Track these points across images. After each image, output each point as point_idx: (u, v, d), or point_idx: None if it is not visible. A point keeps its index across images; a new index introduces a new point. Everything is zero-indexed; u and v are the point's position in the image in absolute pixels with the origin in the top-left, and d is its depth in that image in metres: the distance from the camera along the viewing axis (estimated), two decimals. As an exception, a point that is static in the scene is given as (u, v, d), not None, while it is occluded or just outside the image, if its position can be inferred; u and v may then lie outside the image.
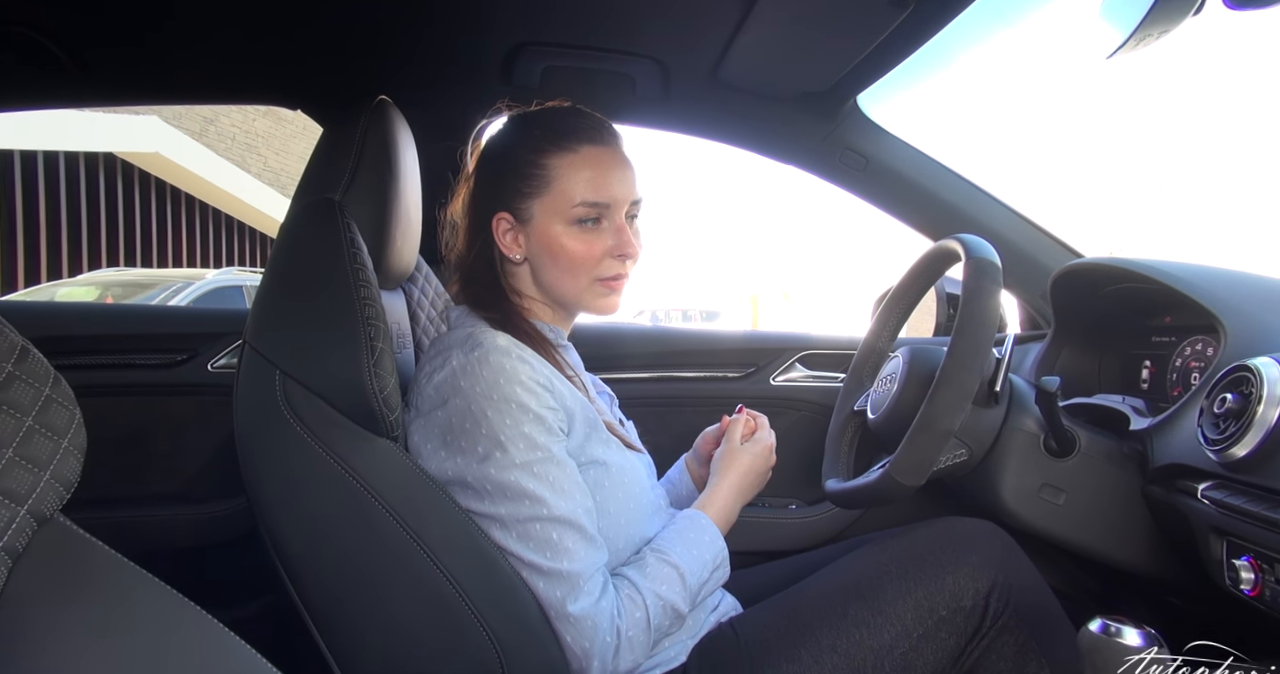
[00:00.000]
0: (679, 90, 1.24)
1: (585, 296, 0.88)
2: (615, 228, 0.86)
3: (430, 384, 0.80)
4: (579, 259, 0.86)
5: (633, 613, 0.78)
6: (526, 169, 0.86)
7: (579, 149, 0.86)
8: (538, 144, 0.86)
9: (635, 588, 0.79)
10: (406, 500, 0.74)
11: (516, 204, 0.87)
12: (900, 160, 1.33)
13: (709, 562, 0.85)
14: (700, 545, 0.85)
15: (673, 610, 0.80)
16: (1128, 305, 1.09)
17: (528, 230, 0.87)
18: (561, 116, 0.90)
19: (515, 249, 0.88)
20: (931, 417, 0.89)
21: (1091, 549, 0.97)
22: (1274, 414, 0.69)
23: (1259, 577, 0.71)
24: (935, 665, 0.84)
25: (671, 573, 0.81)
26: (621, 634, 0.77)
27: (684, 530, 0.86)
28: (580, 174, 0.85)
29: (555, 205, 0.85)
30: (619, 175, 0.87)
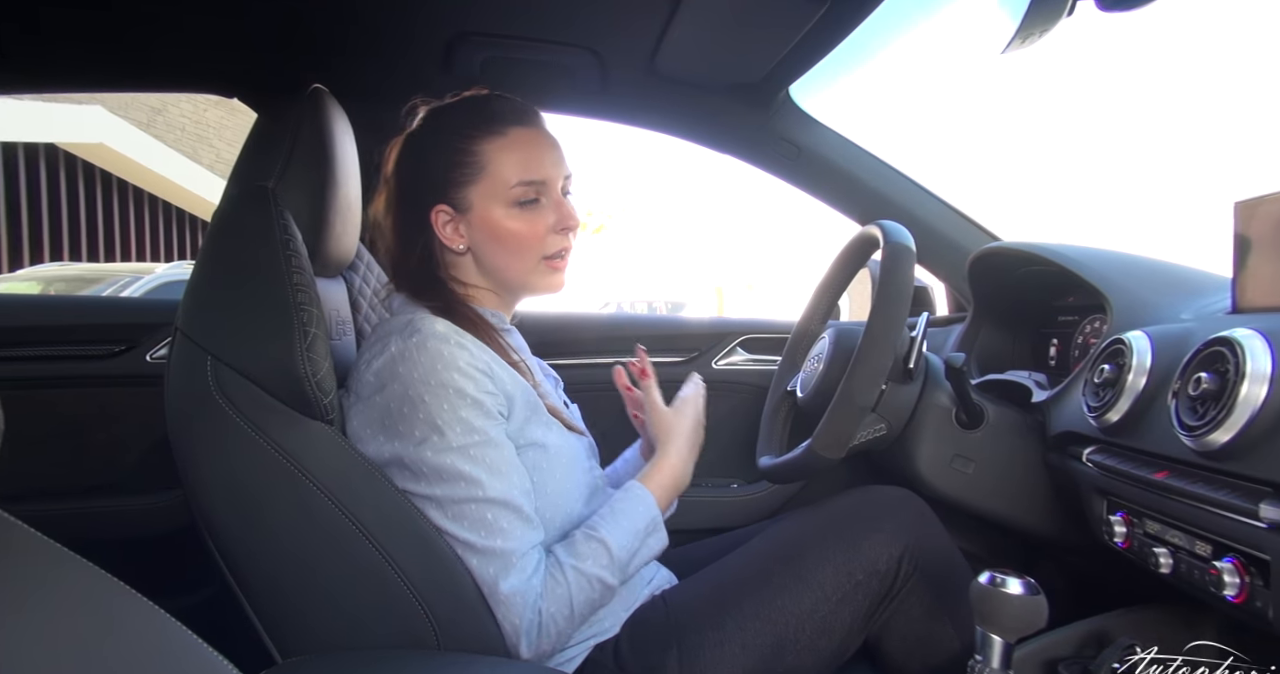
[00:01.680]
0: (617, 81, 1.27)
1: (532, 278, 0.91)
2: (555, 202, 0.89)
3: (370, 370, 0.82)
4: (525, 239, 0.88)
5: (554, 590, 0.80)
6: (458, 158, 0.87)
7: (507, 131, 0.87)
8: (465, 131, 0.88)
9: (559, 565, 0.81)
10: (341, 481, 0.76)
11: (453, 194, 0.88)
12: (831, 149, 1.38)
13: (640, 530, 0.86)
14: (631, 516, 0.86)
15: (599, 583, 0.82)
16: (1036, 287, 1.15)
17: (468, 219, 0.88)
18: (482, 103, 0.91)
19: (458, 240, 0.89)
20: (849, 393, 0.94)
21: (999, 514, 1.03)
22: (1141, 381, 0.75)
23: (1130, 530, 0.77)
24: (851, 626, 0.89)
25: (598, 548, 0.82)
26: (544, 612, 0.79)
27: (616, 503, 0.88)
28: (512, 155, 0.87)
29: (493, 189, 0.87)
30: (549, 152, 0.89)
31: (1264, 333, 0.60)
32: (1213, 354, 0.63)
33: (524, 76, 1.26)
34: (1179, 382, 0.66)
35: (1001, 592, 0.68)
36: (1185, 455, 0.65)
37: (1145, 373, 0.75)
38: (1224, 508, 0.61)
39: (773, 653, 0.86)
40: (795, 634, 0.87)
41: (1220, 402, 0.60)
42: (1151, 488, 0.71)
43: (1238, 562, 0.60)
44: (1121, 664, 0.74)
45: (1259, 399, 0.57)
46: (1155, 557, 0.71)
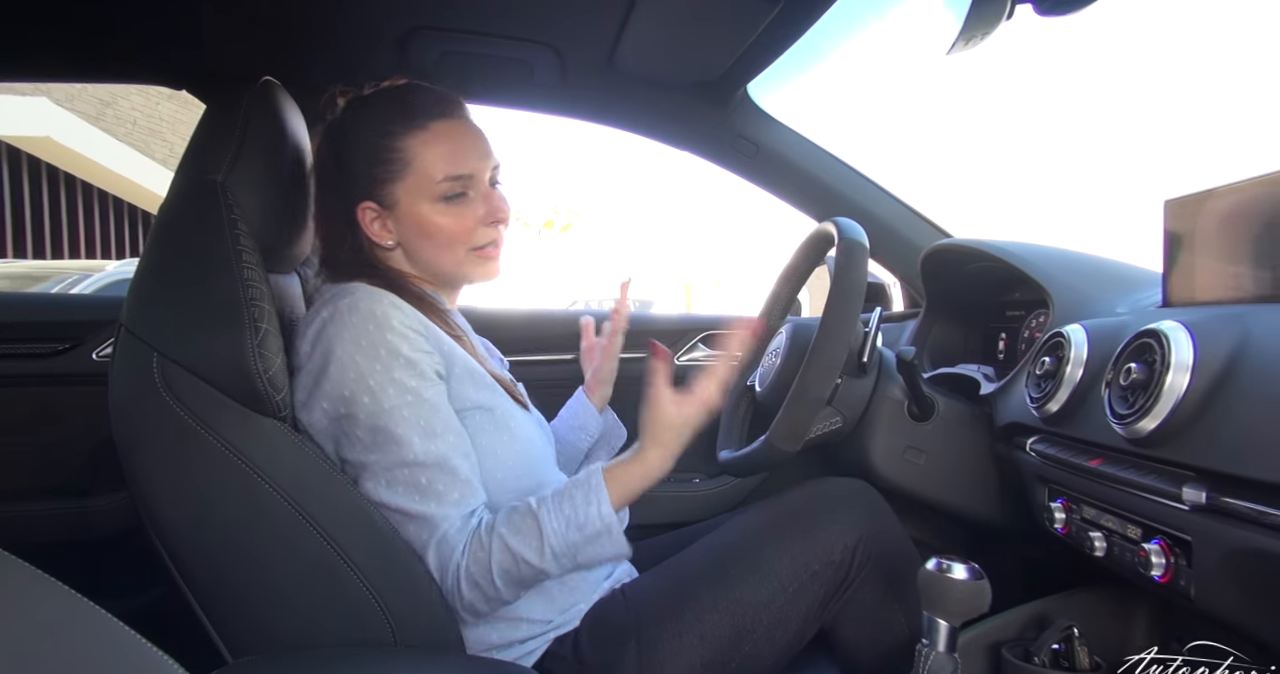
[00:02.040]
0: (576, 78, 1.27)
1: (464, 268, 0.90)
2: (483, 196, 0.88)
3: (305, 340, 0.81)
4: (453, 234, 0.87)
5: (477, 553, 0.78)
6: (381, 155, 0.86)
7: (429, 125, 0.86)
8: (386, 127, 0.86)
9: (491, 530, 0.79)
10: (295, 479, 0.75)
11: (378, 191, 0.87)
12: (788, 147, 1.40)
13: (583, 525, 0.80)
14: (578, 508, 0.81)
15: (525, 563, 0.78)
16: (985, 283, 1.19)
17: (395, 215, 0.88)
18: (403, 94, 0.89)
19: (386, 235, 0.89)
20: (804, 386, 0.96)
21: (949, 504, 1.06)
22: (1078, 373, 0.78)
23: (1068, 516, 0.80)
24: (807, 615, 0.90)
25: (530, 525, 0.79)
26: (462, 569, 0.78)
27: (570, 489, 0.83)
28: (436, 150, 0.86)
29: (418, 186, 0.86)
30: (474, 144, 0.88)
31: (1187, 325, 0.63)
32: (1142, 345, 0.66)
33: (482, 72, 1.25)
34: (1111, 372, 0.69)
35: (947, 577, 0.70)
36: (1117, 443, 0.68)
37: (1082, 364, 0.78)
38: (1151, 492, 0.63)
39: (730, 644, 0.87)
40: (753, 625, 0.88)
41: (1148, 391, 0.63)
42: (1087, 475, 0.74)
43: (1164, 543, 0.63)
44: (1060, 645, 0.77)
45: (1182, 388, 0.60)
46: (1090, 541, 0.74)
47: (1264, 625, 0.56)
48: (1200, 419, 0.59)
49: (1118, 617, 0.83)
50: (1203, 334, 0.61)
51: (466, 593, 0.80)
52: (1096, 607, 0.83)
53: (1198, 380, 0.59)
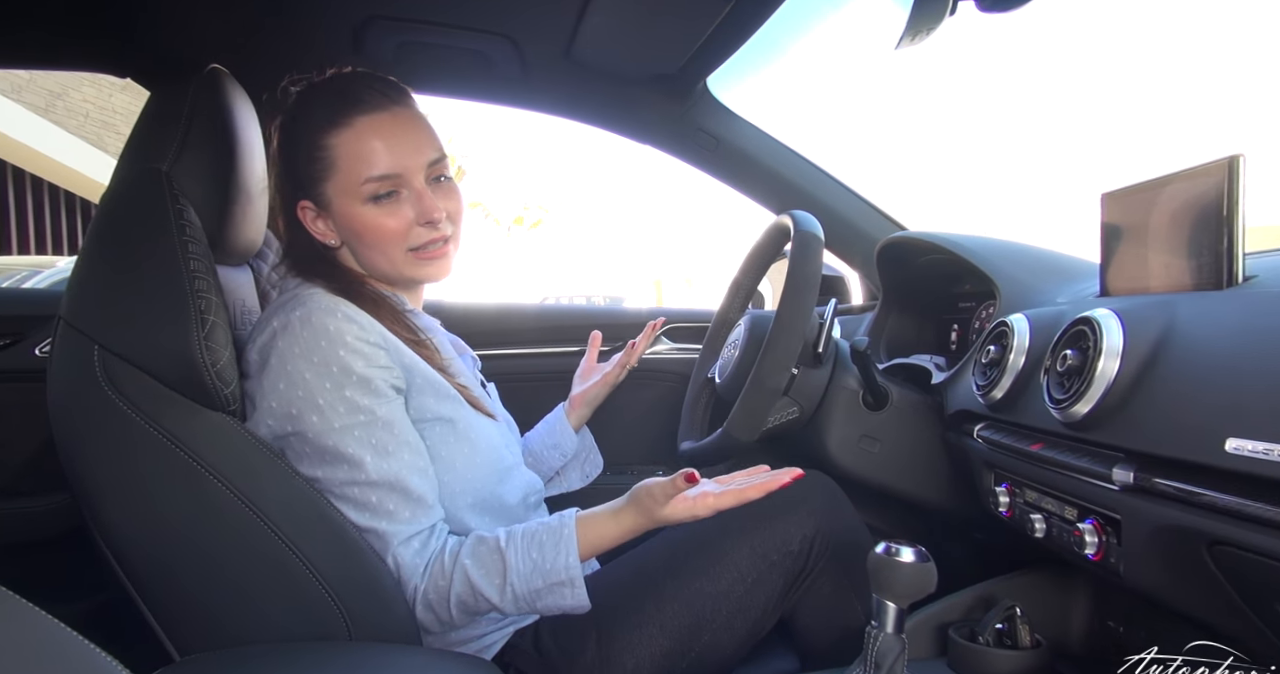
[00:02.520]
0: (536, 70, 1.27)
1: (405, 269, 0.87)
2: (415, 195, 0.84)
3: (254, 349, 0.80)
4: (385, 236, 0.84)
5: (437, 580, 0.79)
6: (312, 153, 0.84)
7: (354, 122, 0.82)
8: (316, 125, 0.84)
9: (455, 559, 0.79)
10: (245, 473, 0.74)
11: (312, 190, 0.85)
12: (748, 141, 1.42)
13: (548, 573, 0.79)
14: (546, 555, 0.79)
15: (483, 598, 0.78)
16: (938, 275, 1.21)
17: (330, 214, 0.86)
18: (340, 87, 0.85)
19: (328, 235, 0.87)
20: (761, 377, 0.97)
21: (902, 491, 1.09)
22: (1020, 360, 0.80)
23: (1012, 499, 0.83)
24: (766, 605, 0.91)
25: (496, 563, 0.78)
26: (419, 592, 0.79)
27: (541, 534, 0.81)
28: (359, 148, 0.82)
29: (346, 186, 0.83)
30: (403, 140, 0.83)
31: (1119, 313, 0.65)
32: (1077, 332, 0.68)
33: (441, 63, 1.24)
34: (1050, 359, 0.71)
35: (895, 560, 0.72)
36: (1055, 427, 0.70)
37: (1024, 352, 0.80)
38: (1084, 474, 0.66)
39: (690, 633, 0.88)
40: (712, 614, 0.89)
41: (1082, 376, 0.65)
42: (1028, 459, 0.76)
43: (1097, 523, 0.65)
44: (1003, 624, 0.79)
45: (1113, 373, 0.62)
46: (1031, 523, 0.76)
47: (1184, 600, 0.59)
48: (1129, 402, 0.61)
49: (1058, 596, 0.86)
50: (1132, 321, 0.63)
51: (420, 614, 0.80)
52: (1038, 587, 0.86)
53: (1127, 365, 0.62)
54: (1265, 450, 0.46)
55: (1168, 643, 0.72)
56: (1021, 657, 0.76)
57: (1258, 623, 0.52)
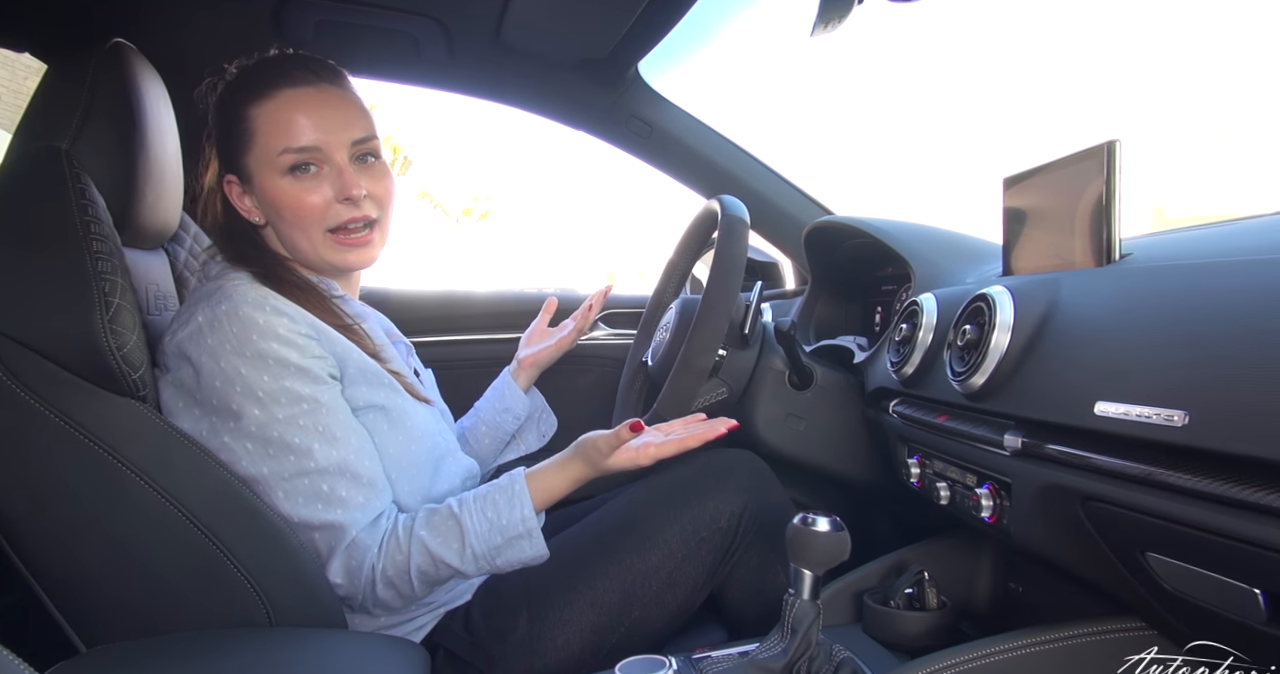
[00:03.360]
0: (464, 53, 1.26)
1: (324, 253, 0.85)
2: (336, 170, 0.83)
3: (174, 341, 0.78)
4: (301, 211, 0.83)
5: (394, 555, 0.79)
6: (234, 125, 0.83)
7: (276, 94, 0.81)
8: (238, 97, 0.83)
9: (409, 533, 0.80)
10: (157, 461, 0.72)
11: (236, 163, 0.84)
12: (681, 128, 1.43)
13: (506, 528, 0.81)
14: (501, 508, 0.82)
15: (444, 564, 0.79)
16: (862, 258, 1.25)
17: (252, 189, 0.84)
18: (263, 64, 0.86)
19: (253, 212, 0.86)
20: (689, 357, 0.99)
21: (826, 467, 1.13)
22: (929, 337, 0.84)
23: (922, 470, 0.87)
24: (696, 580, 0.94)
25: (452, 528, 0.80)
26: (378, 571, 0.78)
27: (492, 493, 0.84)
28: (279, 119, 0.81)
29: (264, 157, 0.82)
30: (328, 114, 0.82)
31: (1011, 289, 0.69)
32: (975, 309, 0.72)
33: (364, 44, 1.22)
34: (952, 334, 0.75)
35: (811, 530, 0.75)
36: (957, 399, 0.74)
37: (932, 330, 0.84)
38: (981, 441, 0.70)
39: (620, 609, 0.90)
40: (642, 590, 0.91)
41: (978, 349, 0.69)
42: (935, 430, 0.80)
43: (992, 487, 0.70)
44: (913, 588, 0.84)
45: (1004, 345, 0.66)
46: (938, 491, 0.80)
47: (1065, 556, 0.63)
48: (1017, 373, 0.65)
49: (965, 561, 0.90)
50: (1022, 297, 0.67)
51: (381, 593, 0.79)
52: (947, 553, 0.91)
53: (1016, 339, 0.65)
54: (1124, 412, 0.49)
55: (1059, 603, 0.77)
56: (928, 617, 0.80)
57: (1125, 574, 0.56)
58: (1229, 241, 0.60)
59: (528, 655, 0.87)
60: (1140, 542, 0.52)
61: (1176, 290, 0.52)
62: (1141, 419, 0.48)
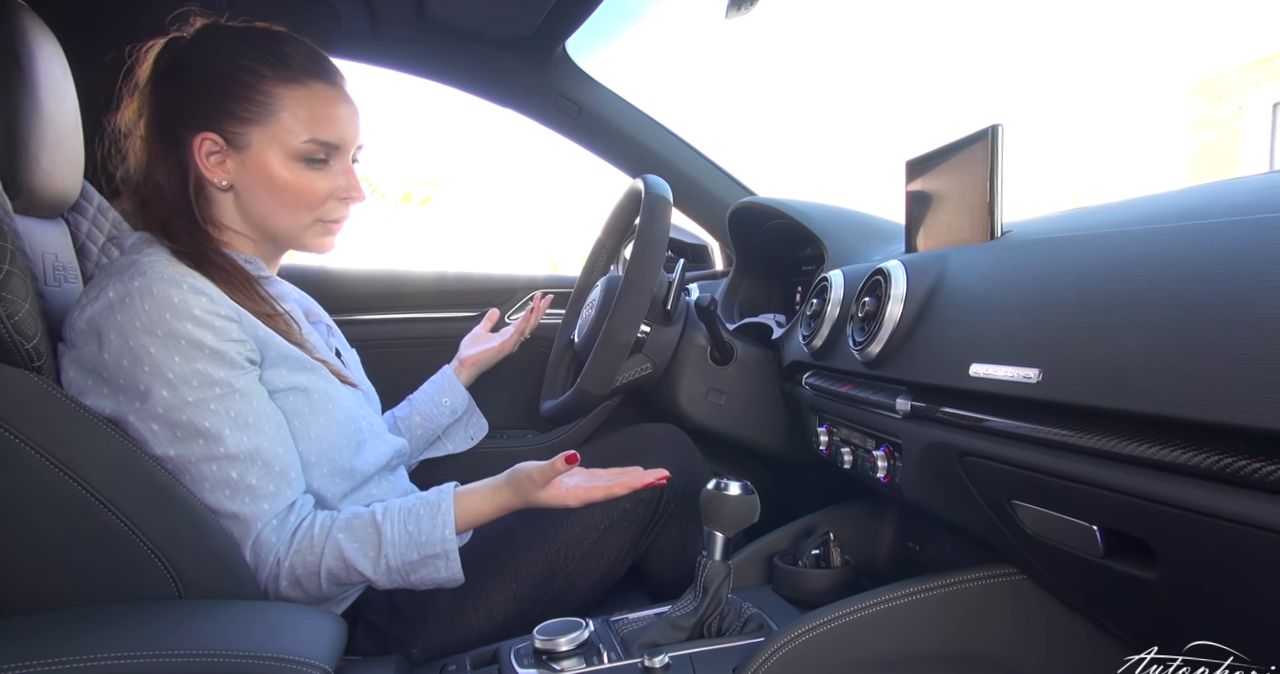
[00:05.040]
0: (387, 26, 1.23)
1: (304, 235, 0.86)
2: (344, 169, 0.85)
3: (83, 317, 0.74)
4: (303, 197, 0.83)
5: (305, 554, 0.77)
6: (245, 93, 0.80)
7: (308, 83, 0.82)
8: (258, 68, 0.81)
9: (325, 533, 0.78)
10: (54, 435, 0.69)
11: (230, 127, 0.81)
12: (608, 108, 1.44)
13: (424, 545, 0.80)
14: (423, 528, 0.80)
15: (355, 571, 0.78)
16: (782, 239, 1.30)
17: (241, 157, 0.82)
18: (284, 42, 0.84)
19: (220, 174, 0.83)
20: (611, 331, 1.01)
21: (746, 439, 1.17)
22: (835, 311, 0.89)
23: (830, 438, 0.92)
24: (619, 549, 0.97)
25: (372, 536, 0.79)
26: (284, 567, 0.77)
27: (417, 507, 0.82)
28: (310, 110, 0.82)
29: (279, 137, 0.81)
30: (350, 117, 0.85)
31: (905, 264, 0.73)
32: (874, 283, 0.76)
33: (282, 13, 1.17)
34: (855, 307, 0.79)
35: (722, 494, 0.78)
36: (858, 368, 0.79)
37: (839, 304, 0.88)
38: (877, 407, 0.74)
39: (544, 579, 0.92)
40: (565, 560, 0.93)
41: (875, 320, 0.73)
42: (840, 399, 0.85)
43: (887, 449, 0.74)
44: (819, 549, 0.88)
45: (897, 316, 0.71)
46: (841, 456, 0.85)
47: (947, 509, 0.68)
48: (908, 341, 0.69)
49: (869, 523, 0.96)
50: (914, 271, 0.72)
51: (285, 589, 0.77)
52: (854, 516, 0.96)
53: (908, 309, 0.70)
54: (990, 372, 0.54)
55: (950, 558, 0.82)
56: (830, 574, 0.85)
57: (996, 522, 0.61)
58: (1096, 218, 0.66)
59: (449, 626, 0.89)
60: (1007, 491, 0.57)
61: (1039, 261, 0.57)
62: (1005, 378, 0.52)
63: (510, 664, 0.76)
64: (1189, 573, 0.44)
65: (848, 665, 0.70)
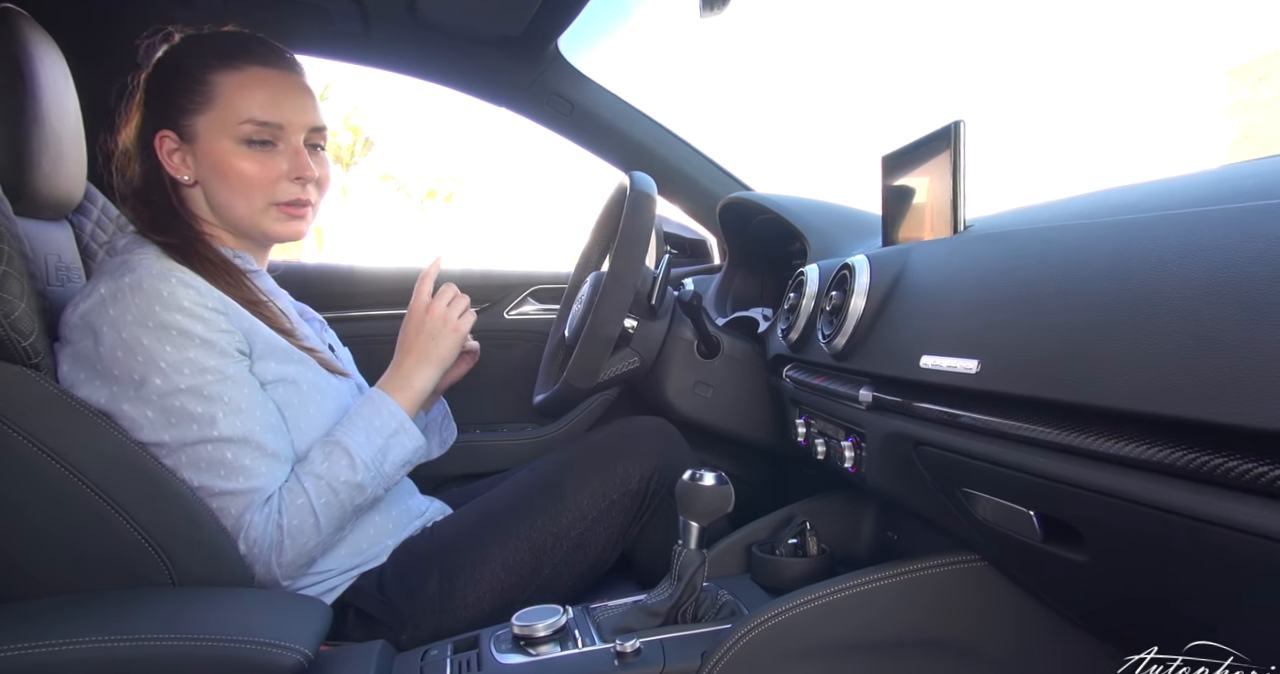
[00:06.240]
0: (379, 26, 1.26)
1: (263, 221, 0.88)
2: (291, 150, 0.87)
3: (76, 313, 0.78)
4: (251, 180, 0.86)
5: (293, 501, 0.80)
6: (190, 85, 0.85)
7: (246, 68, 0.85)
8: (202, 60, 0.85)
9: (295, 478, 0.82)
10: (51, 428, 0.72)
11: (180, 121, 0.85)
12: (602, 106, 1.46)
13: (379, 428, 0.86)
14: (369, 416, 0.87)
15: (343, 485, 0.82)
16: (771, 233, 1.31)
17: (194, 149, 0.86)
18: (232, 37, 0.89)
19: (183, 170, 0.86)
20: (594, 325, 1.03)
21: (733, 431, 1.19)
22: (810, 304, 0.90)
23: (807, 430, 0.93)
24: (606, 541, 0.98)
25: (334, 450, 0.83)
26: (284, 528, 0.80)
27: (353, 410, 0.88)
28: (247, 92, 0.84)
29: (221, 122, 0.84)
30: (292, 98, 0.87)
31: (870, 257, 0.75)
32: (841, 276, 0.78)
33: (275, 15, 1.21)
34: (824, 300, 0.81)
35: (697, 484, 0.80)
36: (828, 361, 0.80)
37: (814, 297, 0.89)
38: (844, 398, 0.76)
39: (530, 569, 0.94)
40: (552, 551, 0.95)
41: (840, 313, 0.74)
42: (814, 391, 0.86)
43: (854, 440, 0.76)
44: (796, 538, 0.90)
45: (860, 309, 0.72)
46: (815, 447, 0.87)
47: (909, 496, 0.70)
48: (870, 333, 0.71)
49: (849, 513, 0.97)
50: (878, 265, 0.73)
51: (289, 551, 0.80)
52: (833, 507, 0.97)
53: (870, 302, 0.71)
54: (937, 364, 0.55)
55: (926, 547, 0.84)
56: (805, 563, 0.87)
57: (951, 508, 0.62)
58: (1062, 210, 0.66)
59: (437, 613, 0.90)
60: (957, 478, 0.58)
61: (988, 255, 0.58)
62: (948, 369, 0.54)
63: (489, 649, 0.78)
64: (1114, 558, 0.46)
65: (815, 650, 0.71)
